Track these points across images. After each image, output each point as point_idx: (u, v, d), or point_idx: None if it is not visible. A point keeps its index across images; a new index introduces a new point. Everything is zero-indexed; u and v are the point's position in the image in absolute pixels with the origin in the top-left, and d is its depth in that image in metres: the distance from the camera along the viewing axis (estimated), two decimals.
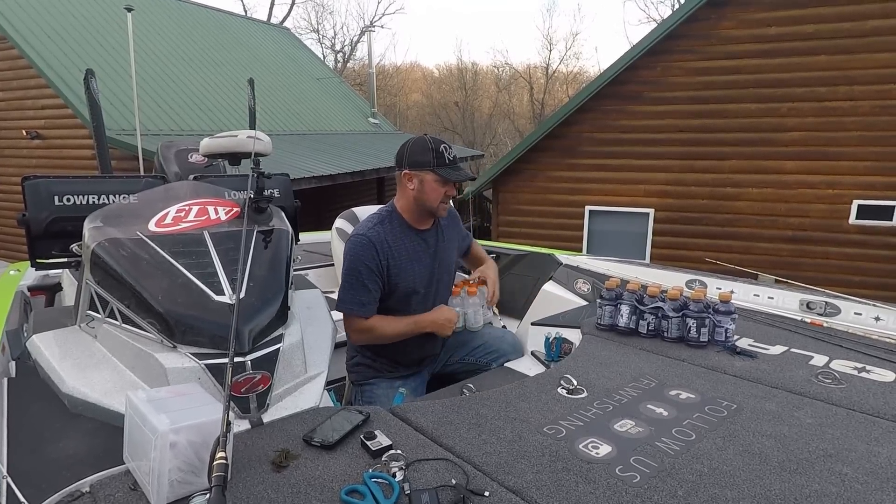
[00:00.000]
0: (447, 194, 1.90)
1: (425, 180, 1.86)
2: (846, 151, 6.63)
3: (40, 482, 1.05)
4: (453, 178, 1.87)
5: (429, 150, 1.85)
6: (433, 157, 1.84)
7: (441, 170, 1.85)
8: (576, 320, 2.17)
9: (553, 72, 24.36)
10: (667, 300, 1.87)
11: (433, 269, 2.01)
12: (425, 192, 1.88)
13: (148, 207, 1.70)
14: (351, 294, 1.87)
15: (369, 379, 2.01)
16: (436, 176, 1.85)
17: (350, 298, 1.87)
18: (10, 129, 8.98)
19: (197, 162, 3.04)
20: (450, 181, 1.87)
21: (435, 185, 1.86)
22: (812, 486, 1.08)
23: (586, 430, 1.29)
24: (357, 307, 1.87)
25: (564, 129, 7.97)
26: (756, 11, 6.75)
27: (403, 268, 1.92)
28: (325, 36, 29.58)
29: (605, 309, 1.96)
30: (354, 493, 1.04)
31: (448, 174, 1.86)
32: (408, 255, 1.93)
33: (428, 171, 1.85)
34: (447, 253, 2.07)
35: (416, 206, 1.92)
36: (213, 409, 1.08)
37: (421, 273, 1.97)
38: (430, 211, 1.93)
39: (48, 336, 1.58)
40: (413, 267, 1.94)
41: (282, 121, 11.88)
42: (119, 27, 9.64)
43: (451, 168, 1.87)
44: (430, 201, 1.89)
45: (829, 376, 1.59)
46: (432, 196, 1.88)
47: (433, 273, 2.01)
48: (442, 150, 1.85)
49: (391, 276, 1.90)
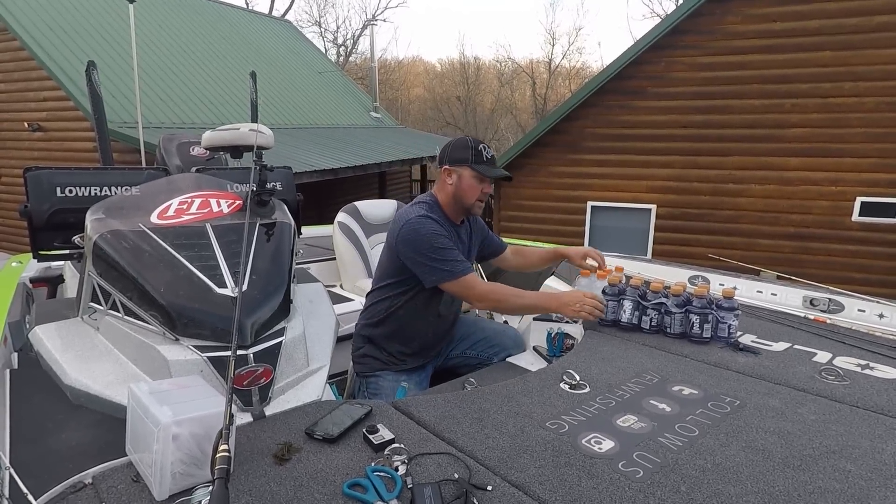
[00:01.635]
0: (483, 191, 1.97)
1: (463, 176, 1.94)
2: (850, 148, 6.60)
3: (43, 473, 1.05)
4: (489, 175, 1.94)
5: (468, 147, 1.95)
6: (472, 154, 1.93)
7: (478, 166, 1.93)
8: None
9: (556, 67, 24.28)
10: (670, 296, 1.86)
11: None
12: (462, 188, 1.95)
13: (150, 199, 1.70)
14: (450, 259, 1.85)
15: (376, 371, 2.02)
16: (473, 172, 1.93)
17: (451, 262, 1.85)
18: (12, 120, 8.97)
19: (199, 155, 3.03)
20: (486, 178, 1.94)
21: (472, 182, 1.94)
22: (815, 483, 1.07)
23: (589, 426, 1.29)
24: (462, 266, 1.87)
25: (567, 124, 7.94)
26: (761, 7, 6.71)
27: None
28: (326, 29, 29.45)
29: (608, 304, 1.95)
30: (357, 486, 1.03)
31: (484, 171, 1.93)
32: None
33: (466, 167, 1.93)
34: (473, 251, 2.16)
35: (454, 202, 1.98)
36: (215, 401, 1.08)
37: None
38: (466, 207, 1.98)
39: (50, 328, 1.58)
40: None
41: (283, 114, 11.85)
42: (121, 19, 9.62)
43: (487, 165, 1.95)
44: (467, 197, 1.96)
45: (833, 373, 1.58)
46: (469, 192, 1.95)
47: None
48: (480, 149, 1.94)
49: None
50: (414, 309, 1.98)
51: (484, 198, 1.99)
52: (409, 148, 12.68)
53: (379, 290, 2.03)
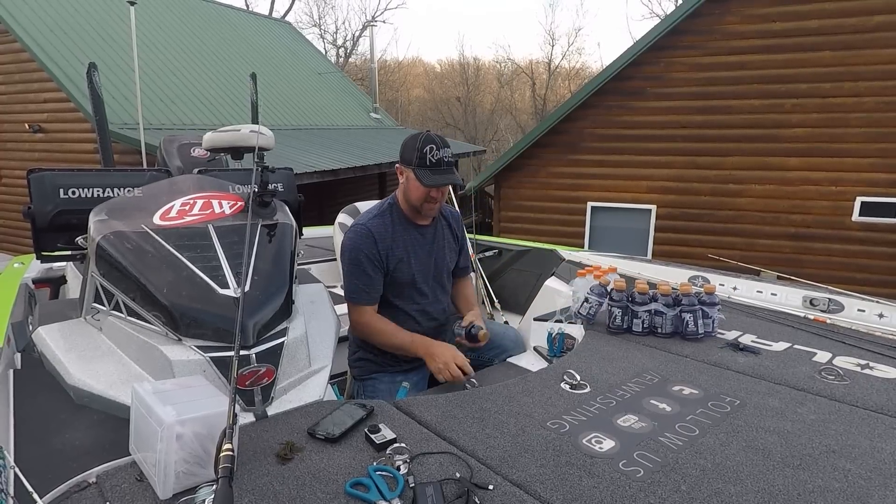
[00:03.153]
0: (431, 195, 1.86)
1: (409, 177, 1.86)
2: (850, 148, 6.60)
3: (47, 473, 1.06)
4: (425, 183, 1.79)
5: (415, 148, 1.81)
6: (416, 156, 1.80)
7: (419, 170, 1.80)
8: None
9: (555, 67, 24.28)
10: (659, 296, 1.88)
11: (430, 265, 2.02)
12: (409, 189, 1.88)
13: (153, 201, 1.70)
14: (354, 282, 1.90)
15: (371, 374, 2.02)
16: (413, 175, 1.82)
17: (353, 287, 1.90)
18: (13, 122, 8.98)
19: (199, 156, 3.05)
20: (424, 184, 1.80)
21: (416, 184, 1.83)
22: (815, 482, 1.08)
23: (589, 425, 1.29)
24: (359, 295, 1.90)
25: (567, 124, 7.95)
26: (760, 7, 6.72)
27: (401, 259, 1.94)
28: (326, 31, 29.43)
29: (612, 310, 1.95)
30: (359, 485, 1.04)
31: (422, 176, 1.79)
32: (405, 247, 1.95)
33: (410, 168, 1.83)
34: (443, 252, 2.07)
35: (405, 201, 1.94)
36: (218, 401, 1.08)
37: (419, 266, 1.98)
38: (414, 209, 1.93)
39: (53, 328, 1.59)
40: (411, 259, 1.96)
41: (284, 115, 11.86)
42: (122, 21, 9.63)
43: (430, 170, 1.80)
44: (413, 199, 1.89)
45: (833, 373, 1.59)
46: (414, 194, 1.87)
47: (430, 268, 2.02)
48: (426, 151, 1.79)
49: (390, 267, 1.92)
50: (400, 312, 1.98)
51: (433, 202, 1.88)
52: None
53: None
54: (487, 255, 3.50)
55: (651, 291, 1.89)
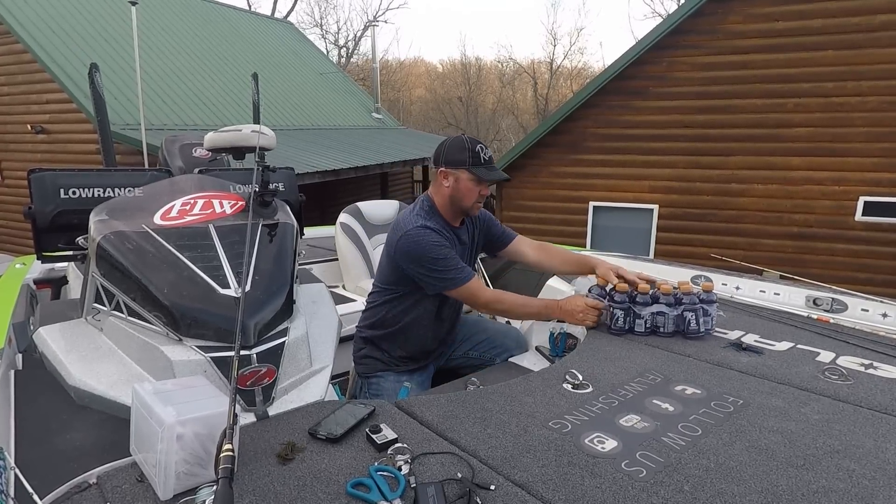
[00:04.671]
0: (481, 193, 1.91)
1: (460, 178, 1.88)
2: (853, 147, 6.58)
3: (48, 473, 1.06)
4: (487, 178, 1.88)
5: (465, 148, 1.87)
6: (469, 156, 1.86)
7: (476, 169, 1.86)
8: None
9: (557, 67, 24.28)
10: (660, 296, 1.87)
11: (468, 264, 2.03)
12: (460, 191, 1.90)
13: (153, 201, 1.70)
14: (452, 268, 1.85)
15: (377, 372, 2.02)
16: (470, 175, 1.86)
17: (455, 270, 1.86)
18: (15, 123, 9.00)
19: (201, 156, 3.04)
20: (484, 180, 1.88)
21: (470, 185, 1.88)
22: (819, 482, 1.07)
23: (592, 425, 1.29)
24: (466, 273, 1.87)
25: (569, 124, 7.94)
26: (763, 6, 6.70)
27: None
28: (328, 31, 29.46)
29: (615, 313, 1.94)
30: (360, 486, 1.04)
31: (483, 174, 1.87)
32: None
33: (463, 169, 1.87)
34: (475, 253, 2.12)
35: (451, 204, 1.94)
36: (219, 401, 1.08)
37: None
38: (464, 210, 1.95)
39: (54, 328, 1.59)
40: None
41: (285, 116, 11.87)
42: (123, 21, 9.65)
43: (486, 168, 1.88)
44: (465, 200, 1.91)
45: (836, 372, 1.58)
46: (467, 195, 1.90)
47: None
48: (478, 150, 1.87)
49: None
50: (413, 313, 1.97)
51: (482, 199, 1.95)
52: (410, 149, 12.68)
53: (378, 293, 2.03)
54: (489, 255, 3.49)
55: (652, 291, 1.88)
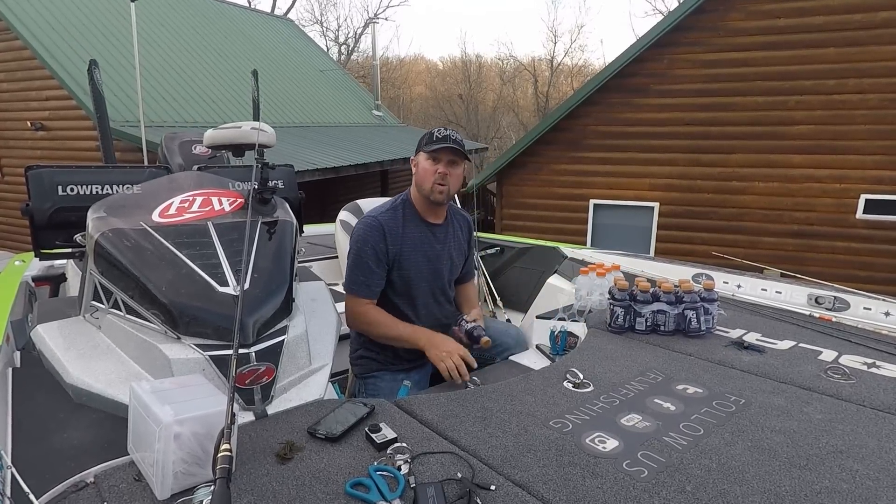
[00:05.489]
0: (438, 172, 1.88)
1: (419, 163, 1.94)
2: (854, 145, 6.56)
3: (44, 472, 1.05)
4: (433, 148, 1.87)
5: (426, 135, 1.93)
6: (426, 140, 1.92)
7: (427, 147, 1.89)
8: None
9: (558, 65, 24.21)
10: (661, 294, 1.86)
11: (438, 265, 2.01)
12: (419, 175, 1.94)
13: (152, 198, 1.69)
14: (355, 273, 1.91)
15: (373, 371, 2.01)
16: (425, 155, 1.90)
17: (353, 278, 1.92)
18: (15, 120, 8.98)
19: (201, 153, 3.03)
20: (436, 155, 1.88)
21: (426, 165, 1.90)
22: (822, 483, 1.06)
23: (593, 425, 1.28)
24: (358, 287, 1.91)
25: (569, 122, 7.92)
26: (764, 3, 6.67)
27: (408, 256, 1.94)
28: (328, 28, 29.44)
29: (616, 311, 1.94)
30: (360, 486, 1.03)
31: (430, 147, 1.88)
32: (413, 244, 1.96)
33: (421, 152, 1.93)
34: (451, 253, 2.08)
35: (418, 193, 1.98)
36: (217, 400, 1.07)
37: (426, 264, 1.98)
38: (425, 195, 1.94)
39: (52, 326, 1.58)
40: (418, 257, 1.96)
41: (285, 113, 11.85)
42: (123, 18, 9.62)
43: (437, 143, 1.88)
44: (425, 182, 1.92)
45: (839, 371, 1.57)
46: (425, 177, 1.91)
47: (438, 268, 2.01)
48: (434, 132, 1.91)
49: (396, 263, 1.93)
50: (398, 310, 1.97)
51: (442, 180, 1.88)
52: (410, 146, 12.53)
53: None
54: (489, 253, 3.48)
55: (653, 289, 1.87)
